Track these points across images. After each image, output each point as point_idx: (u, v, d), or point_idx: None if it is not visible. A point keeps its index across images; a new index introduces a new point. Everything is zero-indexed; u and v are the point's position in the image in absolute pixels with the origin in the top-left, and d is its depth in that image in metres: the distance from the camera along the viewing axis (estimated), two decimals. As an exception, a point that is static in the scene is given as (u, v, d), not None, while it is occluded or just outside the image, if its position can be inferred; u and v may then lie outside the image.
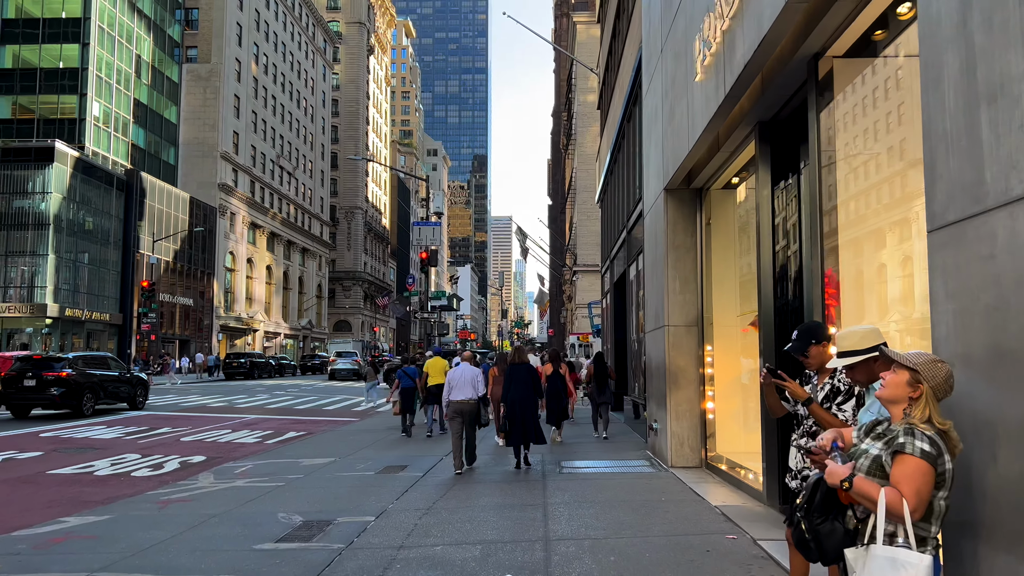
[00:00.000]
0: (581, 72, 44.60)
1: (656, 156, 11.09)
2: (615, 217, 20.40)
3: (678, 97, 9.31)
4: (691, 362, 10.29)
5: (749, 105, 7.38)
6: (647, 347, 12.08)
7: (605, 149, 23.06)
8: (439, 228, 28.76)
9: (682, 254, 10.44)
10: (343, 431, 17.05)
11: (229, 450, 14.04)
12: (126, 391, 22.32)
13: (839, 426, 3.84)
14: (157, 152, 61.62)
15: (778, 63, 6.38)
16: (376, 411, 23.16)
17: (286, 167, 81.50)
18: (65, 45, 52.42)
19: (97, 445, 14.57)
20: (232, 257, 68.73)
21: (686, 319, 10.35)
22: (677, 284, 10.39)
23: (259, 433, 16.84)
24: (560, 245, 71.55)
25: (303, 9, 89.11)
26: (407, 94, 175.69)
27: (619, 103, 18.30)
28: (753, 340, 9.77)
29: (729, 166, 9.29)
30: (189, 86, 66.07)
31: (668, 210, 10.47)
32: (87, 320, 48.73)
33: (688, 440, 10.23)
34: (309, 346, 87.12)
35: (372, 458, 12.41)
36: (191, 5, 67.53)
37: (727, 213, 10.26)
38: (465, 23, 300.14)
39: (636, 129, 15.34)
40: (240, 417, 20.70)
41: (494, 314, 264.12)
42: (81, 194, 48.17)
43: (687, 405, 10.25)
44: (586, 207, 43.00)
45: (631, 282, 16.60)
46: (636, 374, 16.05)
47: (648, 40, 11.88)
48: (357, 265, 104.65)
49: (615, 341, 20.34)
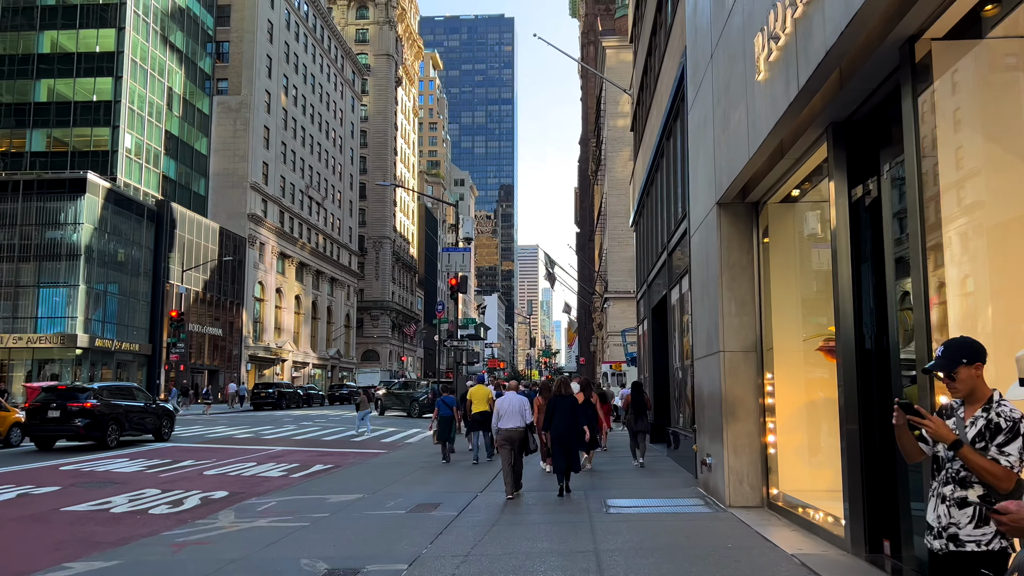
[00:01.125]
0: (611, 97, 44.12)
1: (706, 169, 10.35)
2: (652, 240, 19.63)
3: (734, 102, 8.59)
4: (749, 391, 9.44)
5: (822, 104, 6.63)
6: (697, 375, 11.24)
7: (640, 171, 22.36)
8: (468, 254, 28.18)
9: (737, 273, 9.63)
10: (372, 464, 16.31)
11: (253, 485, 13.36)
12: (152, 422, 21.81)
13: (1002, 475, 3.03)
14: (188, 183, 62.05)
15: (863, 51, 5.63)
16: (405, 443, 22.40)
17: (315, 197, 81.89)
18: (99, 79, 53.08)
19: (118, 479, 13.96)
20: (261, 287, 68.80)
21: (743, 344, 9.51)
22: (733, 306, 9.57)
23: (285, 466, 16.16)
24: (589, 273, 70.78)
25: (332, 42, 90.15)
26: (434, 125, 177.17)
27: (657, 121, 17.62)
28: (819, 366, 8.93)
29: (791, 176, 8.52)
30: (219, 118, 66.71)
31: (721, 226, 9.70)
32: (117, 350, 48.70)
33: (748, 477, 9.35)
34: (337, 376, 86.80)
35: (402, 494, 11.64)
36: (222, 38, 68.44)
37: (786, 228, 9.46)
38: (491, 55, 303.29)
39: (677, 145, 14.63)
40: (266, 449, 20.07)
41: (521, 343, 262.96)
42: (112, 225, 48.41)
43: (746, 438, 9.38)
44: (617, 233, 42.24)
45: (672, 307, 15.78)
46: (680, 404, 15.16)
47: (694, 48, 11.20)
48: (385, 294, 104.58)
49: (654, 369, 19.45)
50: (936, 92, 5.34)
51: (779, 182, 8.85)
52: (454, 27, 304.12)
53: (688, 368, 13.76)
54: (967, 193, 5.37)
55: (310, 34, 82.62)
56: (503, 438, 10.95)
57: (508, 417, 11.03)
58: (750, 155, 7.98)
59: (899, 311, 6.34)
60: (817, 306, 9.04)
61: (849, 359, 6.66)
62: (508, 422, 10.99)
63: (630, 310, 39.20)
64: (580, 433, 11.13)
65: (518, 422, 10.99)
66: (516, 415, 11.02)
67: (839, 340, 6.82)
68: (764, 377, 9.41)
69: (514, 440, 10.90)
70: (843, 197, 6.85)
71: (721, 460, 9.60)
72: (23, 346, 45.63)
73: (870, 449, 6.55)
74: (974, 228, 5.37)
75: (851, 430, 6.61)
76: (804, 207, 9.16)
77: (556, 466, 11.11)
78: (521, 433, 10.97)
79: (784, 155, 7.98)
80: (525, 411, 11.12)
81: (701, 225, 10.74)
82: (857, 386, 6.59)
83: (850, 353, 6.66)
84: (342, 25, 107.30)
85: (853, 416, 6.60)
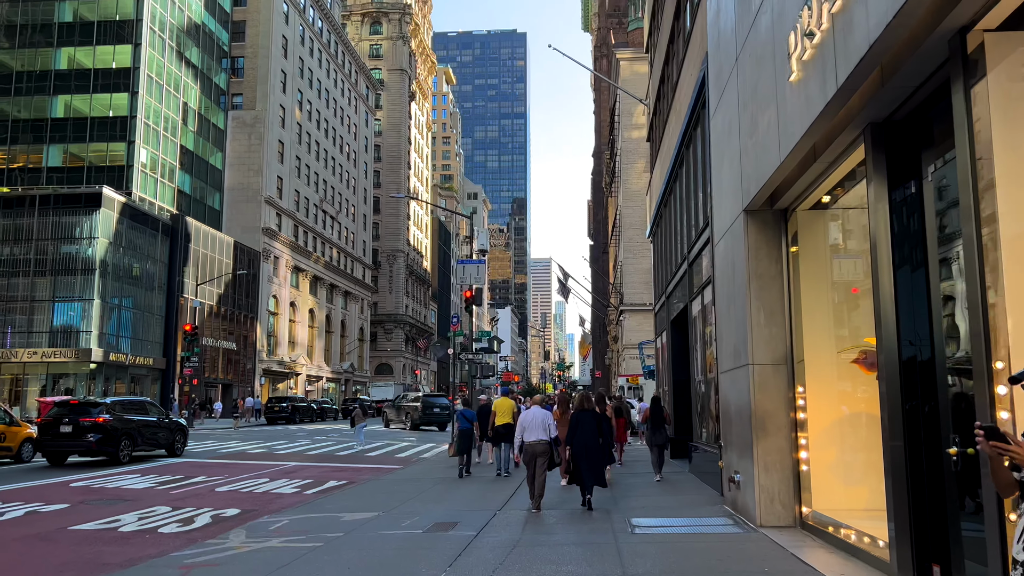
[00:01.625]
0: (625, 108, 43.89)
1: (731, 176, 10.02)
2: (670, 251, 19.28)
3: (762, 106, 8.26)
4: (780, 405, 9.05)
5: (860, 104, 6.29)
6: (723, 389, 10.86)
7: (658, 181, 22.04)
8: (483, 266, 27.83)
9: (766, 283, 9.27)
10: (387, 480, 15.98)
11: (266, 502, 13.06)
12: (164, 437, 21.60)
13: None
14: (203, 197, 62.28)
15: (908, 45, 5.31)
16: (420, 457, 22.06)
17: (329, 211, 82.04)
18: (115, 94, 53.46)
19: (128, 496, 13.70)
20: (275, 301, 68.83)
21: (773, 356, 9.14)
22: (762, 317, 9.21)
23: (298, 482, 15.86)
24: (603, 285, 70.36)
25: (346, 56, 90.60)
26: (447, 139, 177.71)
27: (675, 129, 17.31)
28: (854, 379, 8.55)
29: (822, 182, 8.17)
30: (234, 132, 67.03)
31: (749, 234, 9.35)
32: (131, 365, 48.71)
33: (779, 495, 8.95)
34: (351, 389, 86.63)
35: (419, 512, 11.29)
36: (237, 54, 68.87)
37: (816, 236, 9.10)
38: (504, 70, 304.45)
39: (698, 153, 14.31)
40: (279, 464, 19.78)
41: (535, 356, 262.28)
42: (127, 239, 48.55)
43: (777, 455, 8.99)
44: (633, 245, 41.88)
45: (694, 318, 15.40)
46: (703, 418, 14.76)
47: (717, 52, 10.90)
48: (398, 308, 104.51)
49: (674, 382, 19.03)
50: (989, 86, 5.00)
51: (810, 188, 8.50)
52: (467, 42, 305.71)
53: (712, 382, 13.38)
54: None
55: (324, 49, 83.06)
56: (527, 452, 11.01)
57: (532, 431, 11.06)
58: (781, 159, 7.65)
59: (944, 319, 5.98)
60: (851, 316, 8.68)
61: (892, 371, 6.29)
62: (532, 435, 11.02)
63: (647, 322, 38.77)
64: (600, 449, 11.11)
65: (542, 436, 11.00)
66: (540, 429, 11.04)
67: (881, 351, 6.45)
68: (795, 391, 9.03)
69: (538, 454, 10.94)
70: (883, 201, 6.50)
71: (751, 477, 9.20)
72: (38, 360, 45.70)
73: (916, 466, 6.17)
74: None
75: (896, 447, 6.23)
76: (835, 213, 8.82)
77: (578, 480, 11.14)
78: (545, 446, 10.97)
79: (817, 159, 7.64)
80: (549, 425, 11.10)
81: (726, 233, 10.40)
82: (901, 399, 6.21)
83: (893, 365, 6.29)
84: (356, 41, 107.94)
85: (898, 431, 6.22)
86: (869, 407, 8.39)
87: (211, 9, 64.17)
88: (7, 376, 46.44)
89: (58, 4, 54.53)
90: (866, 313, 8.32)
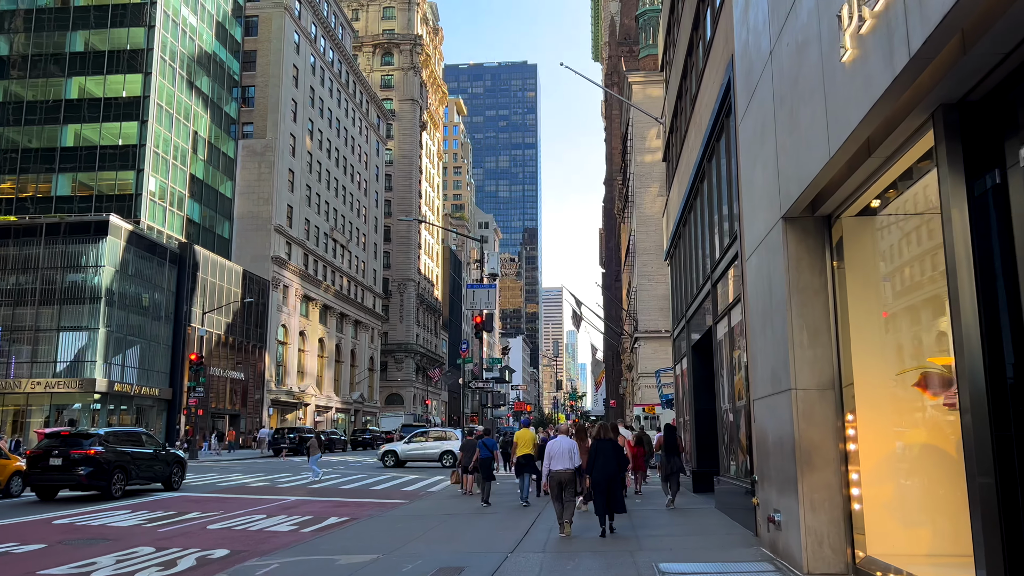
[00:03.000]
0: (638, 132, 43.22)
1: (765, 181, 9.10)
2: (691, 272, 18.32)
3: (805, 97, 7.37)
4: (828, 436, 8.03)
5: (931, 81, 5.38)
6: (759, 417, 9.83)
7: (675, 200, 21.15)
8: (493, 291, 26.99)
9: (808, 298, 8.30)
10: (391, 517, 14.94)
11: (259, 541, 12.07)
12: (161, 470, 20.65)
13: None
14: (212, 226, 61.90)
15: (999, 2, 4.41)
16: (427, 492, 20.99)
17: (339, 240, 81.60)
18: (125, 123, 53.33)
19: (111, 535, 12.73)
20: (284, 330, 68.09)
21: (819, 380, 8.14)
22: (805, 336, 8.23)
23: (297, 519, 14.85)
24: (616, 313, 69.28)
25: (357, 86, 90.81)
26: (459, 169, 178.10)
27: (695, 144, 16.46)
28: (914, 405, 7.54)
29: (874, 182, 7.24)
30: (244, 161, 66.85)
31: (788, 244, 8.40)
32: (136, 395, 47.88)
33: (829, 538, 7.89)
34: (361, 420, 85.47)
35: (422, 554, 10.27)
36: (248, 83, 68.93)
37: (865, 245, 8.15)
38: (515, 101, 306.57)
39: (722, 165, 13.43)
40: (280, 499, 18.76)
41: (547, 386, 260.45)
42: (134, 268, 48.00)
43: (825, 492, 7.95)
44: (647, 270, 40.92)
45: (719, 342, 14.39)
46: (731, 450, 13.68)
47: (746, 50, 10.05)
48: (409, 337, 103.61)
49: (696, 412, 17.95)
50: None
51: (858, 190, 7.56)
52: (478, 74, 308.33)
53: (741, 410, 12.35)
54: None
55: (335, 79, 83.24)
56: (553, 479, 11.45)
57: (558, 459, 11.54)
58: (830, 154, 6.73)
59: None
60: (910, 333, 7.69)
61: (979, 397, 5.29)
62: (558, 464, 11.50)
63: (662, 350, 37.65)
64: (620, 477, 11.63)
65: (567, 464, 11.49)
66: (566, 457, 11.53)
67: (962, 371, 5.46)
68: (844, 419, 8.01)
69: (563, 481, 11.40)
70: (960, 195, 5.55)
71: (795, 517, 8.16)
72: (42, 391, 44.96)
73: (1010, 507, 5.15)
74: None
75: (986, 484, 5.22)
76: (887, 219, 7.87)
77: (598, 509, 11.51)
78: (570, 475, 11.46)
79: (871, 153, 6.71)
80: (574, 454, 11.62)
81: (760, 246, 9.45)
82: (991, 428, 5.21)
83: (979, 389, 5.30)
84: (368, 71, 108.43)
85: (987, 467, 5.21)
86: (933, 437, 7.39)
87: (222, 39, 64.35)
88: (11, 407, 45.68)
89: (70, 34, 54.68)
90: (928, 329, 7.35)
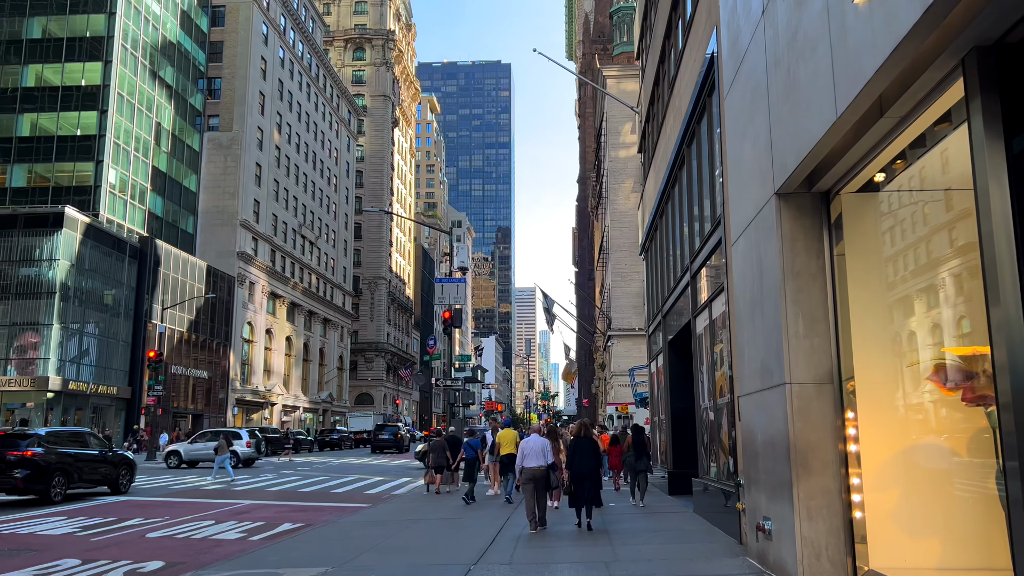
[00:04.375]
0: (612, 128, 42.51)
1: (756, 156, 8.27)
2: (667, 265, 17.53)
3: (805, 53, 6.53)
4: (827, 436, 7.22)
5: (964, 18, 4.55)
6: (747, 415, 8.99)
7: (652, 191, 20.37)
8: (463, 285, 26.02)
9: (805, 282, 7.48)
10: (348, 523, 13.93)
11: (200, 552, 11.02)
12: (107, 472, 19.40)
13: None
14: (175, 220, 60.18)
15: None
16: (392, 494, 19.98)
17: (308, 236, 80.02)
18: (83, 112, 51.57)
19: (37, 545, 11.59)
20: (250, 328, 66.47)
21: (816, 374, 7.32)
22: (801, 325, 7.40)
23: (247, 525, 13.80)
24: (589, 313, 68.63)
25: (327, 80, 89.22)
26: (432, 167, 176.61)
27: (674, 129, 15.66)
28: (925, 401, 6.75)
29: (881, 151, 6.43)
30: (210, 154, 65.15)
31: (783, 223, 7.57)
32: (93, 394, 46.17)
33: (827, 550, 7.07)
34: (330, 420, 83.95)
35: (375, 567, 9.32)
36: (214, 75, 67.20)
37: (867, 224, 7.35)
38: (488, 100, 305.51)
39: (703, 149, 12.64)
40: (233, 504, 17.65)
41: (519, 385, 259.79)
42: (91, 262, 46.28)
43: (823, 498, 7.13)
44: (621, 267, 40.21)
45: (699, 336, 13.59)
46: (711, 450, 12.87)
47: (734, 16, 9.22)
48: (380, 336, 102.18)
49: (672, 411, 17.15)
50: None
51: (863, 161, 6.75)
52: (452, 73, 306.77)
53: (723, 408, 11.54)
54: None
55: (305, 72, 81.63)
56: (526, 476, 11.74)
57: (531, 457, 11.84)
58: (837, 114, 5.89)
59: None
60: (921, 321, 6.89)
61: (1020, 384, 4.47)
62: (531, 461, 11.79)
63: (636, 348, 36.97)
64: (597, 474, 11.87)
65: (540, 461, 11.79)
66: (539, 455, 11.83)
67: (1001, 363, 4.63)
68: (844, 416, 7.20)
69: (537, 478, 11.72)
70: (997, 156, 4.73)
71: (789, 526, 7.33)
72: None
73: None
74: None
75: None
76: (892, 195, 7.08)
77: (577, 503, 11.87)
78: (543, 472, 11.77)
79: (883, 113, 5.89)
80: (547, 451, 11.94)
81: (749, 227, 8.62)
82: (1035, 428, 4.39)
83: (1020, 375, 4.48)
84: (339, 66, 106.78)
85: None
86: (945, 436, 6.61)
87: (187, 28, 62.62)
88: (-40, 406, 43.81)
89: (27, 20, 52.72)
90: (941, 316, 6.56)
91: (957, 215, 6.17)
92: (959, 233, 6.17)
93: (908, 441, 6.94)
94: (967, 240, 5.79)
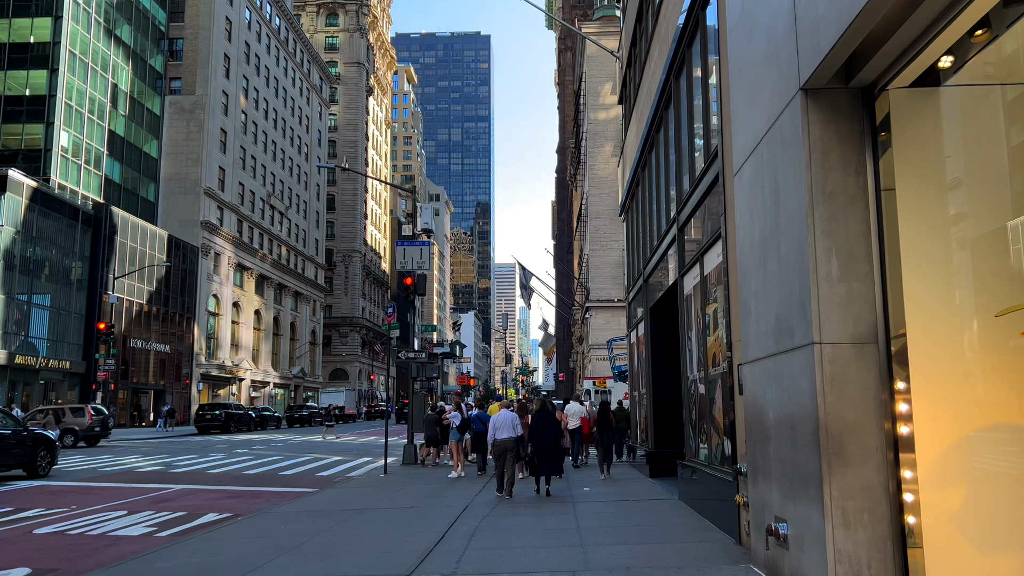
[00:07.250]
0: (591, 88, 40.42)
1: (772, 45, 6.30)
2: (651, 222, 15.64)
3: None
4: (869, 413, 5.35)
5: None
6: (753, 387, 7.10)
7: (633, 143, 18.42)
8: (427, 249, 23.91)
9: (841, 208, 5.57)
10: (282, 513, 11.99)
11: (86, 553, 9.07)
12: (21, 454, 17.34)
13: None
14: (135, 187, 57.38)
15: None
16: (347, 476, 18.09)
17: (277, 207, 77.32)
18: (32, 71, 48.55)
19: None
20: (216, 300, 64.00)
21: (855, 331, 5.44)
22: (834, 265, 5.51)
23: (164, 516, 11.86)
24: (567, 286, 66.90)
25: (297, 45, 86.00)
26: (409, 139, 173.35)
27: (659, 65, 13.69)
28: (1012, 366, 4.91)
29: (950, 22, 4.51)
30: (172, 119, 62.18)
31: (811, 129, 5.64)
32: (43, 368, 43.72)
33: (872, 566, 5.23)
34: (301, 396, 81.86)
35: (295, 571, 7.41)
36: (176, 35, 64.03)
37: (924, 130, 5.44)
38: (467, 72, 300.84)
39: (694, 75, 10.69)
40: (160, 489, 15.66)
41: (498, 360, 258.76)
42: (39, 229, 43.56)
43: (865, 497, 5.28)
44: (600, 235, 38.35)
45: (687, 297, 11.72)
46: (700, 429, 11.04)
47: None
48: (355, 310, 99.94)
49: (654, 384, 15.33)
50: None
51: (923, 37, 4.81)
52: (430, 44, 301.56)
53: (716, 379, 9.69)
54: None
55: (274, 35, 78.45)
56: (498, 449, 12.81)
57: (502, 429, 12.83)
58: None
59: None
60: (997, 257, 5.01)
61: None
62: (502, 433, 12.82)
63: (615, 320, 35.26)
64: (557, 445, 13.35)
65: (510, 433, 12.79)
66: (509, 427, 12.82)
67: None
68: (893, 387, 5.34)
69: (508, 449, 12.76)
70: None
71: (816, 534, 5.48)
72: (-68, 364, 40.60)
73: None
74: None
75: None
76: (960, 90, 5.18)
77: (536, 472, 13.00)
78: (513, 443, 12.78)
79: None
80: (516, 424, 12.95)
81: (760, 146, 6.68)
82: None
83: None
84: (311, 32, 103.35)
85: None
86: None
87: (145, -15, 59.40)
88: (-101, 382, 41.22)
89: (-30, -28, 49.41)
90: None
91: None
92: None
93: (981, 421, 5.10)
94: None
